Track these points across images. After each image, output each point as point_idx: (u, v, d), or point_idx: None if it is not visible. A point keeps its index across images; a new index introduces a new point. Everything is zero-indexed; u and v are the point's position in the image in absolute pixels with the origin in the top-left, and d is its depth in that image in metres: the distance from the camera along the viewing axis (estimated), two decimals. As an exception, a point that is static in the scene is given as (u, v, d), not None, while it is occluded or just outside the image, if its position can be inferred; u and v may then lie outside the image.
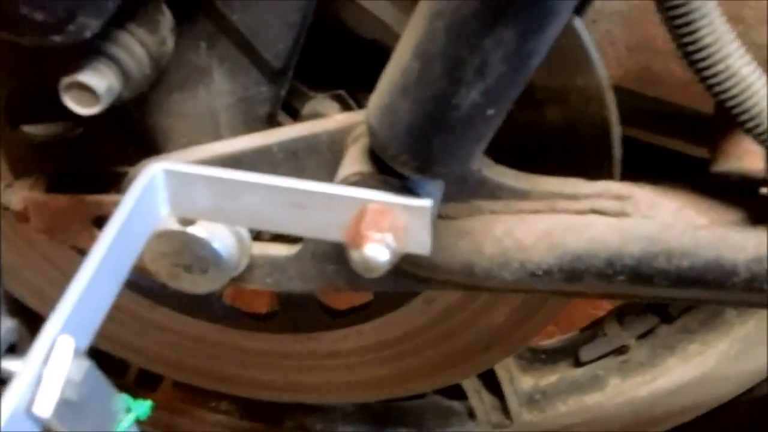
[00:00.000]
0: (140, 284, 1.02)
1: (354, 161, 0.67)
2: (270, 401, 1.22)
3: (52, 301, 0.52)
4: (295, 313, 1.02)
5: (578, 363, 1.20)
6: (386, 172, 0.65)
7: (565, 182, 0.73)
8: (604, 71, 0.74)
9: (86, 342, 0.59)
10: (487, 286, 0.76)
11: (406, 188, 0.65)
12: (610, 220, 0.71)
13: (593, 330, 1.20)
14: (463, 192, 0.73)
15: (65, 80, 0.64)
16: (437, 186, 0.69)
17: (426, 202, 0.64)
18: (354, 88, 0.83)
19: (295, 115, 0.84)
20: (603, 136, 0.77)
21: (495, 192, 0.73)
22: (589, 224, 0.71)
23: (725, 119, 0.65)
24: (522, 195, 0.73)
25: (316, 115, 0.81)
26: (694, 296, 0.73)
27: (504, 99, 0.59)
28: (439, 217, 0.74)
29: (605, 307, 1.71)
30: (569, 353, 1.22)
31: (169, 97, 0.76)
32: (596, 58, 0.73)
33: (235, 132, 0.77)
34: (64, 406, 0.51)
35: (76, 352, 0.53)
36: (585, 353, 1.19)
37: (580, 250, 0.70)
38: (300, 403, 1.27)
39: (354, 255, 0.64)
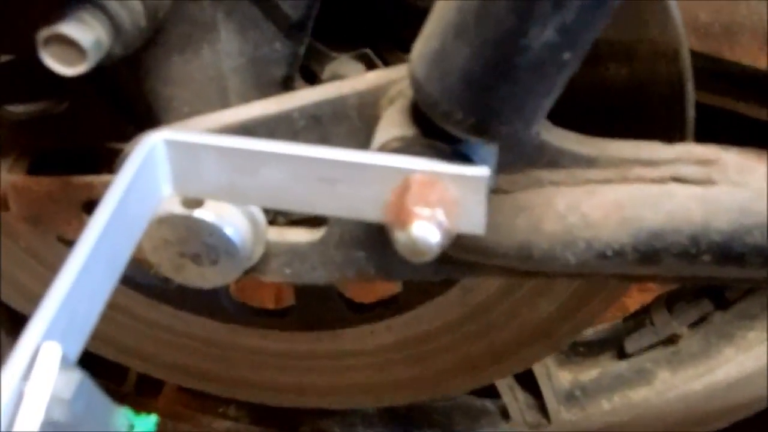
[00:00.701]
0: (137, 280, 0.91)
1: (393, 124, 0.57)
2: (286, 407, 1.11)
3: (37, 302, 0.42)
4: (314, 308, 0.91)
5: (623, 355, 1.10)
6: (434, 135, 0.54)
7: (638, 146, 0.62)
8: (680, 20, 0.63)
9: (77, 349, 0.50)
10: (547, 271, 0.65)
11: (458, 154, 0.55)
12: (693, 190, 0.60)
13: (639, 318, 1.10)
14: (518, 160, 0.62)
15: (44, 33, 0.53)
16: (492, 152, 0.58)
17: (483, 171, 0.53)
18: (381, 47, 0.72)
19: (314, 80, 0.73)
20: (676, 96, 0.66)
21: (556, 159, 0.62)
22: (668, 194, 0.60)
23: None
24: (588, 162, 0.62)
25: (338, 79, 0.70)
26: (794, 277, 0.62)
27: (583, 39, 0.48)
28: (491, 190, 0.63)
29: (635, 294, 1.63)
30: (612, 345, 1.12)
31: (169, 59, 0.65)
32: (673, 6, 0.63)
33: (247, 98, 0.66)
34: (52, 427, 0.43)
35: (65, 362, 0.45)
36: (630, 344, 1.09)
37: (659, 225, 0.59)
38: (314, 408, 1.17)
39: (399, 236, 0.53)
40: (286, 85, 0.68)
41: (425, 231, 0.52)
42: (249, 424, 1.24)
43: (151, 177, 0.56)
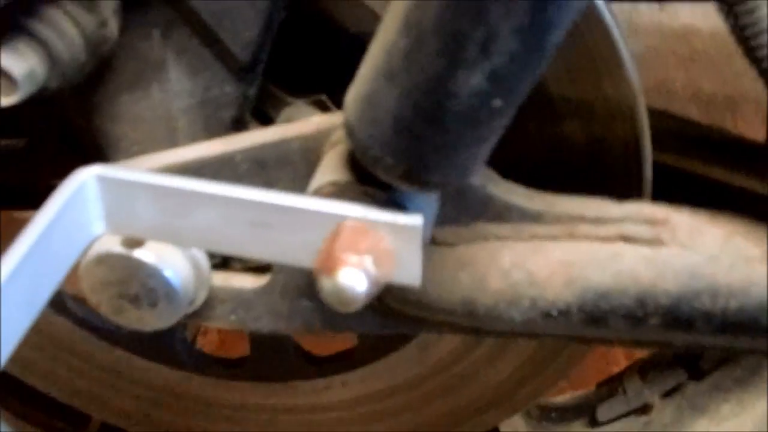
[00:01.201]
0: (93, 323, 0.89)
1: (329, 169, 0.55)
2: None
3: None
4: (269, 358, 0.89)
5: (594, 423, 1.06)
6: (368, 181, 0.53)
7: (586, 203, 0.60)
8: (636, 77, 0.62)
9: None
10: (492, 329, 0.63)
11: (391, 202, 0.53)
12: (641, 250, 0.58)
13: (611, 386, 1.07)
14: (463, 212, 0.60)
15: (-25, 62, 0.52)
16: (431, 202, 0.56)
17: (416, 219, 0.51)
18: (338, 93, 0.71)
19: (270, 124, 0.72)
20: (633, 154, 0.65)
21: (502, 213, 0.60)
22: (616, 254, 0.58)
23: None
24: (535, 218, 0.60)
25: (292, 124, 0.69)
26: (743, 345, 0.60)
27: (515, 87, 0.47)
28: (434, 242, 0.61)
29: (622, 362, 1.60)
30: (584, 412, 1.08)
31: (118, 98, 0.64)
32: (628, 61, 0.62)
33: (196, 139, 0.65)
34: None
35: None
36: (602, 412, 1.05)
37: (605, 286, 0.58)
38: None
39: (325, 283, 0.51)
40: (236, 127, 0.67)
41: (351, 279, 0.50)
42: (212, 479, 1.21)
43: (80, 213, 0.55)
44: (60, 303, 0.88)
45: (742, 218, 0.60)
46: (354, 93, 0.50)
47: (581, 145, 0.65)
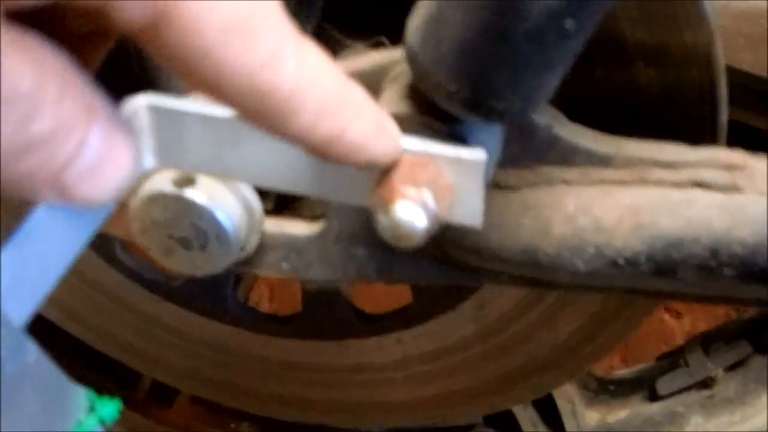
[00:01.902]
0: (144, 275, 0.88)
1: (388, 102, 0.53)
2: (298, 423, 1.07)
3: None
4: (320, 315, 0.87)
5: (654, 397, 1.04)
6: (429, 113, 0.50)
7: (659, 147, 0.57)
8: (715, 23, 0.59)
9: (23, 313, 0.46)
10: (554, 280, 0.61)
11: (454, 135, 0.51)
12: (716, 196, 0.55)
13: (672, 359, 1.03)
14: (527, 154, 0.58)
15: None
16: (495, 137, 0.54)
17: (479, 154, 0.49)
18: (399, 35, 0.68)
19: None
20: (707, 98, 0.62)
21: (569, 156, 0.58)
22: (689, 200, 0.55)
23: None
24: (603, 161, 0.57)
25: (351, 68, 0.67)
26: (825, 300, 0.57)
27: (587, 8, 0.44)
28: (496, 185, 0.58)
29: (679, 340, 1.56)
30: (644, 385, 1.05)
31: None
32: (707, 6, 0.58)
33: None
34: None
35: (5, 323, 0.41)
36: (662, 385, 1.02)
37: (677, 233, 0.55)
38: (332, 427, 1.11)
39: (382, 218, 0.49)
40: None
41: (409, 212, 0.47)
42: (261, 442, 1.20)
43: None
44: (111, 254, 0.87)
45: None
46: (416, 17, 0.48)
47: (654, 92, 0.62)
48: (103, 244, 0.85)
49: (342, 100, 0.38)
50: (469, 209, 0.51)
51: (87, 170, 0.33)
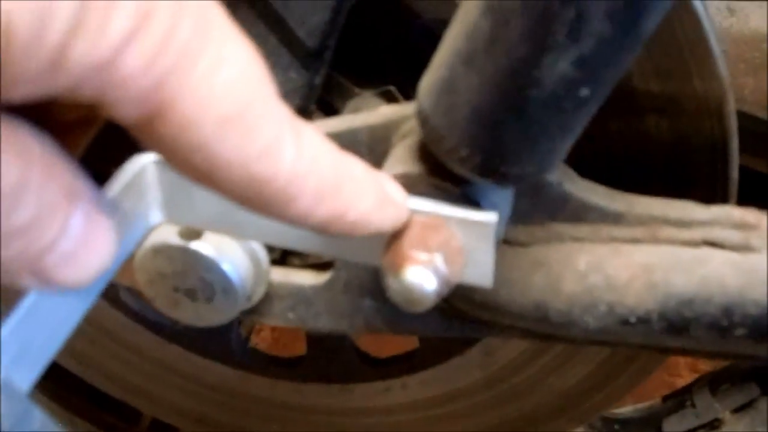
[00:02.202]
0: (148, 317, 0.87)
1: (399, 161, 0.52)
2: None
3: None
4: (326, 359, 0.86)
5: (660, 437, 1.03)
6: (440, 174, 0.50)
7: (671, 205, 0.57)
8: (726, 74, 0.59)
9: (30, 378, 0.46)
10: (565, 336, 0.60)
11: (465, 197, 0.50)
12: (729, 256, 0.54)
13: (679, 399, 1.03)
14: (539, 211, 0.57)
15: None
16: (506, 198, 0.53)
17: (490, 216, 0.48)
18: (407, 84, 0.68)
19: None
20: (718, 154, 0.61)
21: (580, 213, 0.57)
22: (701, 259, 0.54)
23: None
24: (615, 219, 0.57)
25: (359, 116, 0.66)
26: (838, 361, 0.56)
27: (603, 75, 0.44)
28: (506, 242, 0.58)
29: (685, 374, 1.55)
30: (650, 425, 1.04)
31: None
32: (719, 56, 0.58)
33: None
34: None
35: (9, 391, 0.41)
36: (669, 426, 1.01)
37: (690, 292, 0.54)
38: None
39: (392, 282, 0.48)
40: (301, 116, 0.64)
41: (421, 277, 0.47)
42: (264, 479, 1.19)
43: (137, 201, 0.53)
44: (115, 296, 0.86)
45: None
46: (429, 79, 0.47)
47: (666, 144, 0.62)
48: (107, 288, 0.84)
49: (341, 180, 0.37)
50: (479, 269, 0.51)
51: (67, 255, 0.32)
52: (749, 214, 0.55)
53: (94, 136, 0.39)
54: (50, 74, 0.26)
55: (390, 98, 0.68)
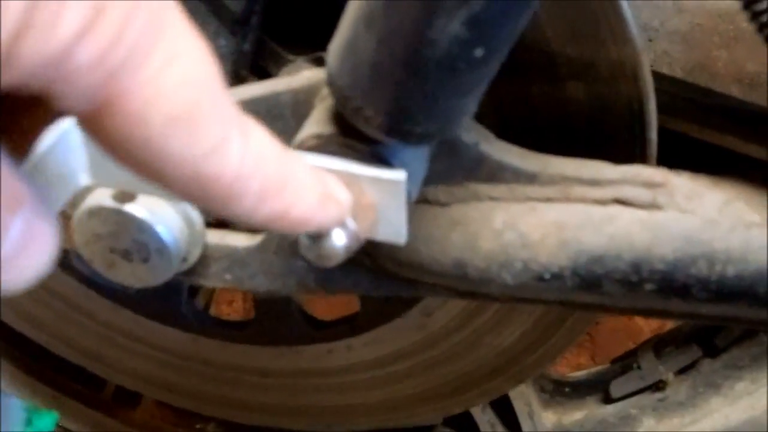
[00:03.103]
0: (98, 282, 0.89)
1: (314, 122, 0.54)
2: (261, 426, 1.08)
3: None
4: (273, 322, 0.89)
5: (608, 399, 1.06)
6: (351, 134, 0.52)
7: (583, 165, 0.59)
8: (640, 36, 0.61)
9: None
10: (486, 292, 0.62)
11: (376, 156, 0.52)
12: (638, 213, 0.56)
13: (625, 362, 1.06)
14: (455, 171, 0.59)
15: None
16: (419, 157, 0.55)
17: (399, 174, 0.50)
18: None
19: (270, 83, 0.71)
20: (636, 115, 0.63)
21: (496, 173, 0.59)
22: (611, 217, 0.57)
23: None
24: (529, 178, 0.59)
25: (292, 82, 0.68)
26: (742, 315, 0.58)
27: (496, 35, 0.45)
28: (426, 201, 0.60)
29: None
30: (598, 388, 1.08)
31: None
32: (631, 21, 0.60)
33: (192, 93, 0.64)
34: None
35: None
36: (616, 388, 1.04)
37: (600, 249, 0.56)
38: (298, 430, 1.13)
39: (302, 238, 0.50)
40: (234, 81, 0.66)
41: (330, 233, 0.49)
42: (226, 443, 1.22)
43: (63, 163, 0.54)
44: (67, 262, 0.88)
45: (745, 183, 0.58)
46: (336, 42, 0.49)
47: (585, 108, 0.64)
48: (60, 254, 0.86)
49: (284, 180, 0.38)
50: (393, 227, 0.53)
51: (7, 260, 0.32)
52: (657, 173, 0.57)
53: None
54: (4, 64, 0.26)
55: (321, 63, 0.70)
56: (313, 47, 0.70)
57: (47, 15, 0.26)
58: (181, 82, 0.30)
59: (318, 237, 0.50)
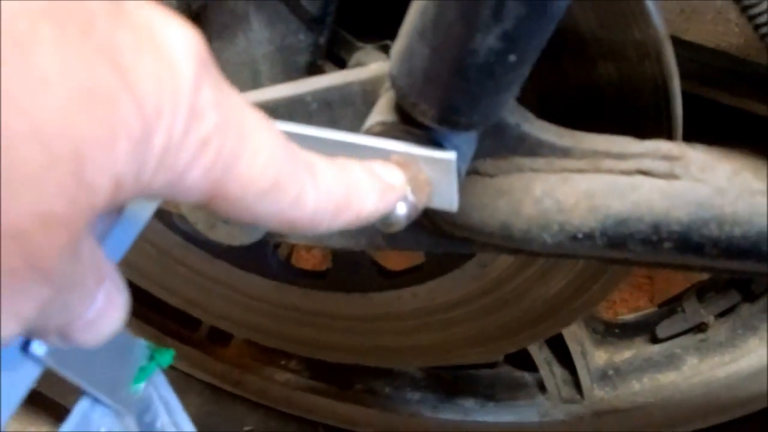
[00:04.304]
0: (197, 237, 1.01)
1: (379, 111, 0.64)
2: (339, 362, 1.21)
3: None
4: (348, 272, 1.00)
5: (655, 340, 1.15)
6: (410, 122, 0.62)
7: (611, 140, 0.68)
8: (661, 22, 0.69)
9: None
10: (529, 250, 0.72)
11: (430, 140, 0.62)
12: (657, 183, 0.66)
13: (671, 306, 1.14)
14: (501, 147, 0.69)
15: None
16: (468, 139, 0.65)
17: (450, 154, 0.61)
18: (401, 39, 0.79)
19: (344, 67, 0.81)
20: (661, 93, 0.72)
21: (535, 149, 0.69)
22: (634, 186, 0.66)
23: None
24: (564, 153, 0.68)
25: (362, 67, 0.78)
26: (749, 269, 0.67)
27: (526, 45, 0.55)
28: (477, 173, 0.70)
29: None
30: (646, 329, 1.17)
31: (210, 45, 0.74)
32: (653, 8, 0.68)
33: (276, 82, 0.75)
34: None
35: None
36: (662, 330, 1.13)
37: (624, 213, 0.66)
38: (369, 366, 1.26)
39: (371, 208, 0.61)
40: (312, 70, 0.77)
41: (393, 205, 0.60)
42: (308, 378, 1.34)
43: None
44: (170, 221, 1.00)
45: (755, 154, 0.67)
46: (396, 47, 0.59)
47: (615, 86, 0.72)
48: (163, 214, 0.98)
49: (349, 194, 0.47)
50: (446, 197, 0.63)
51: (89, 323, 0.38)
52: (675, 147, 0.66)
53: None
54: (136, 195, 0.35)
55: (387, 51, 0.80)
56: (380, 36, 0.80)
57: (172, 158, 0.35)
58: (264, 167, 0.40)
59: None
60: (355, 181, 0.49)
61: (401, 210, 0.60)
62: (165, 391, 0.70)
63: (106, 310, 0.39)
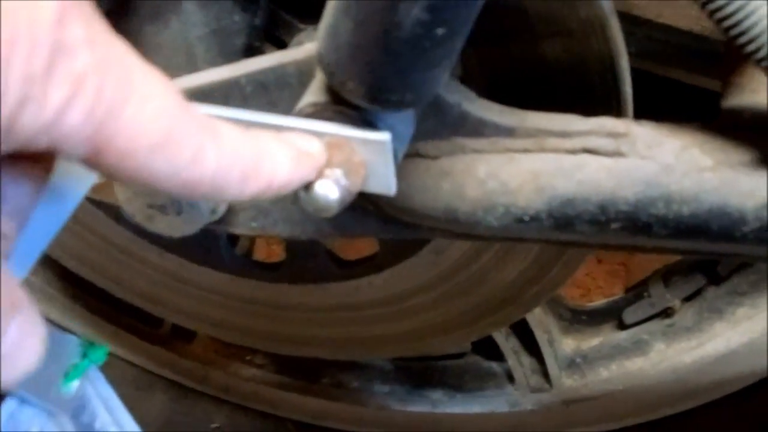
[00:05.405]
0: (145, 230, 0.99)
1: (312, 92, 0.62)
2: (305, 357, 1.19)
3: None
4: (302, 262, 0.98)
5: (622, 326, 1.13)
6: (342, 102, 0.59)
7: (555, 118, 0.66)
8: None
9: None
10: (475, 234, 0.70)
11: (364, 120, 0.59)
12: (603, 161, 0.63)
13: (637, 291, 1.13)
14: (442, 128, 0.67)
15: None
16: (404, 119, 0.63)
17: (384, 135, 0.58)
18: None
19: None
20: (609, 70, 0.69)
21: (478, 129, 0.66)
22: (580, 165, 0.64)
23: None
24: (508, 132, 0.66)
25: (303, 49, 0.76)
26: (698, 248, 0.65)
27: (455, 17, 0.52)
28: (418, 155, 0.68)
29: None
30: (613, 315, 1.15)
31: (141, 29, 0.72)
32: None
33: (214, 65, 0.72)
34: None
35: None
36: (629, 316, 1.12)
37: (570, 193, 0.63)
38: (336, 360, 1.24)
39: (301, 194, 0.58)
40: (250, 53, 0.74)
41: (324, 189, 0.57)
42: (273, 372, 1.32)
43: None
44: (118, 214, 0.98)
45: (703, 129, 0.64)
46: (322, 25, 0.57)
47: (563, 63, 0.70)
48: (109, 206, 0.96)
49: (259, 159, 0.45)
50: (382, 180, 0.61)
51: (4, 357, 0.36)
52: (620, 124, 0.64)
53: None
54: (6, 136, 0.34)
55: (330, 32, 0.77)
56: (319, 16, 0.78)
57: (39, 91, 0.34)
58: (154, 117, 0.38)
59: (311, 190, 0.58)
60: (264, 147, 0.46)
61: (333, 194, 0.58)
62: (103, 389, 0.68)
63: (21, 343, 0.36)
